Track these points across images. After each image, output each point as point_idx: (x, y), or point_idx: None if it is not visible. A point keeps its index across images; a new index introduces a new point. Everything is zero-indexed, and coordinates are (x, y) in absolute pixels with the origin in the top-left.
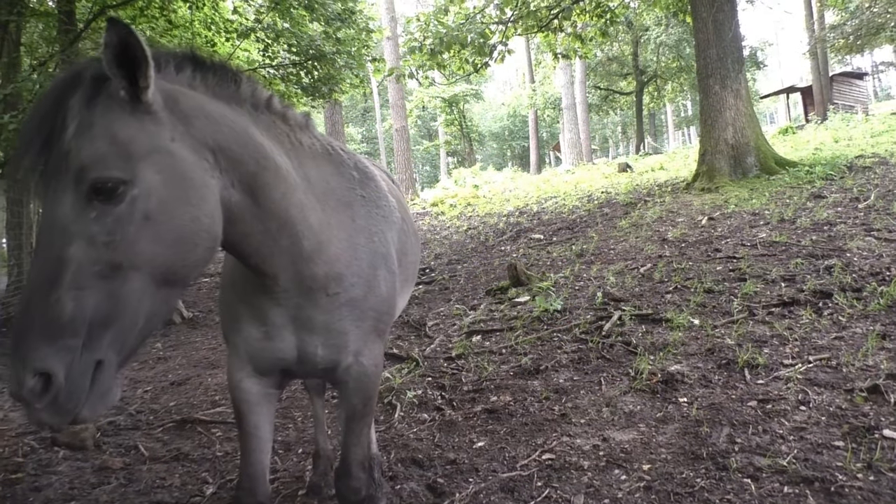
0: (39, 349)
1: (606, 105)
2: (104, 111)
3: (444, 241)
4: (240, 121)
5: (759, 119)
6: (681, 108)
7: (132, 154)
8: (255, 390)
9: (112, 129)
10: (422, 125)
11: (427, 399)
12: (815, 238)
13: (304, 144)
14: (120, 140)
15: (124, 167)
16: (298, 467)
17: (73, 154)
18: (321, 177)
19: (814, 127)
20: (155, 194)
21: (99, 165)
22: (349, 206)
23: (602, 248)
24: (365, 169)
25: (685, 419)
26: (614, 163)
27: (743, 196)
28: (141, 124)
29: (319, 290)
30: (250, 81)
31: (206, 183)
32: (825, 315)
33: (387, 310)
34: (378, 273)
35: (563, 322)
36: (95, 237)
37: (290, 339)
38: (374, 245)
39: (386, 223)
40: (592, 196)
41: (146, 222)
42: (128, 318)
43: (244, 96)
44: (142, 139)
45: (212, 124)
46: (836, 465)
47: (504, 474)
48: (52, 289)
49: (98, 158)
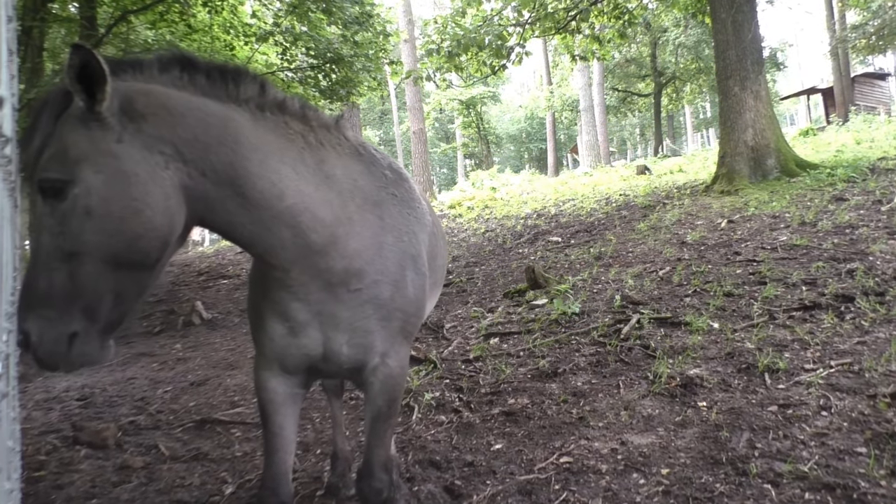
0: (22, 313)
1: (624, 107)
2: (63, 123)
3: (461, 244)
4: (219, 114)
5: (779, 121)
6: (699, 109)
7: (71, 158)
8: (281, 390)
9: (62, 138)
10: (439, 128)
11: (445, 401)
12: (837, 241)
13: (326, 144)
14: (64, 146)
15: (62, 169)
16: (317, 468)
17: (37, 160)
18: (347, 175)
19: (835, 128)
20: (95, 192)
21: (44, 169)
22: (378, 204)
23: (620, 250)
24: (399, 170)
25: (704, 423)
26: (632, 165)
27: (763, 198)
28: (88, 131)
29: (340, 286)
30: (257, 83)
31: (153, 177)
32: (847, 319)
33: (415, 311)
34: (406, 273)
35: (581, 325)
36: (52, 229)
37: (316, 335)
38: (403, 245)
39: (418, 224)
40: (610, 198)
41: (87, 216)
42: (90, 294)
43: (246, 96)
44: (83, 144)
45: (173, 118)
46: (858, 471)
47: (521, 477)
48: (33, 268)
49: (46, 163)
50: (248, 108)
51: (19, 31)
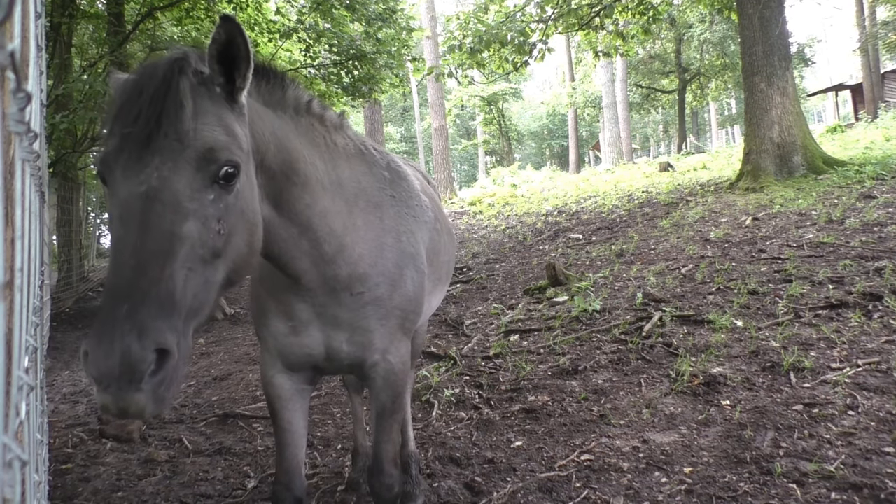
0: (158, 323)
1: (648, 103)
2: (213, 102)
3: (481, 241)
4: (282, 130)
5: (806, 117)
6: (724, 106)
7: (243, 149)
8: (288, 386)
9: (225, 121)
10: (460, 124)
11: (465, 398)
12: (865, 239)
13: (338, 145)
14: (234, 133)
15: (241, 158)
16: (337, 463)
17: (194, 135)
18: (353, 177)
19: (864, 125)
20: (242, 192)
21: (227, 151)
22: (379, 206)
23: (642, 248)
24: (397, 168)
25: (728, 422)
26: (655, 162)
27: (789, 196)
28: (240, 123)
29: (343, 290)
30: (294, 85)
31: (256, 191)
32: (875, 318)
33: (413, 308)
34: (405, 272)
35: (603, 322)
36: (209, 219)
37: (317, 335)
38: (402, 245)
39: (416, 223)
40: (633, 195)
41: (241, 216)
42: (206, 309)
43: (289, 101)
44: (244, 137)
45: (259, 139)
46: (886, 471)
47: (542, 474)
48: (167, 263)
49: (224, 145)
50: (290, 114)
51: (47, 27)
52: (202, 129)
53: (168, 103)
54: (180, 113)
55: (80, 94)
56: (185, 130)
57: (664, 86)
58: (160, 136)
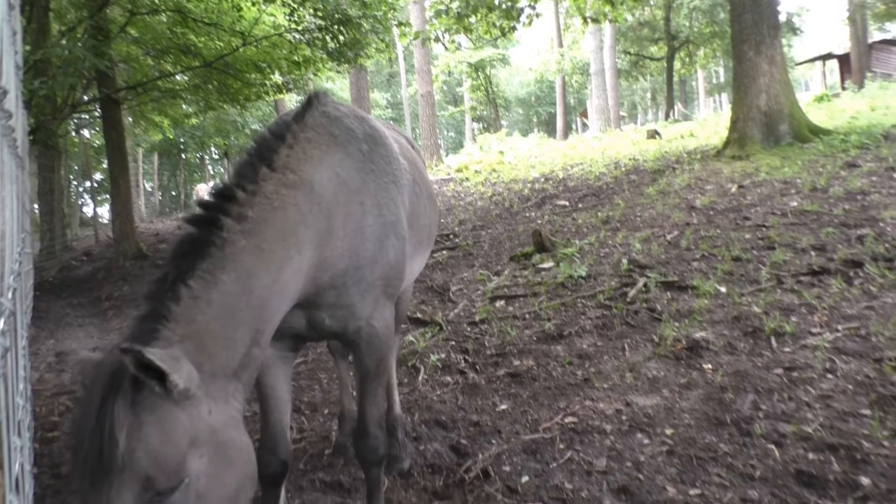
0: None
1: (636, 71)
2: (151, 407)
3: (468, 207)
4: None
5: (793, 86)
6: (713, 74)
7: (183, 449)
8: (269, 353)
9: (163, 428)
10: (447, 91)
11: (450, 362)
12: (848, 207)
13: (313, 141)
14: (172, 438)
15: (180, 466)
16: (325, 427)
17: (129, 459)
18: (331, 173)
19: (850, 95)
20: (203, 474)
21: (161, 474)
22: (359, 190)
23: (628, 215)
24: (373, 135)
25: (709, 385)
26: (643, 129)
27: (774, 164)
28: (185, 412)
29: (327, 287)
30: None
31: (241, 431)
32: (856, 284)
33: (395, 275)
34: (386, 243)
35: (588, 288)
36: None
37: (299, 312)
38: (384, 216)
39: (396, 188)
40: (619, 163)
41: (198, 500)
42: None
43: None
44: (188, 429)
45: (232, 345)
46: (862, 432)
47: (526, 437)
48: None
49: (157, 464)
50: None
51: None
52: (136, 452)
53: (104, 440)
54: (114, 450)
55: (59, 59)
56: (120, 463)
57: (653, 53)
58: (102, 470)
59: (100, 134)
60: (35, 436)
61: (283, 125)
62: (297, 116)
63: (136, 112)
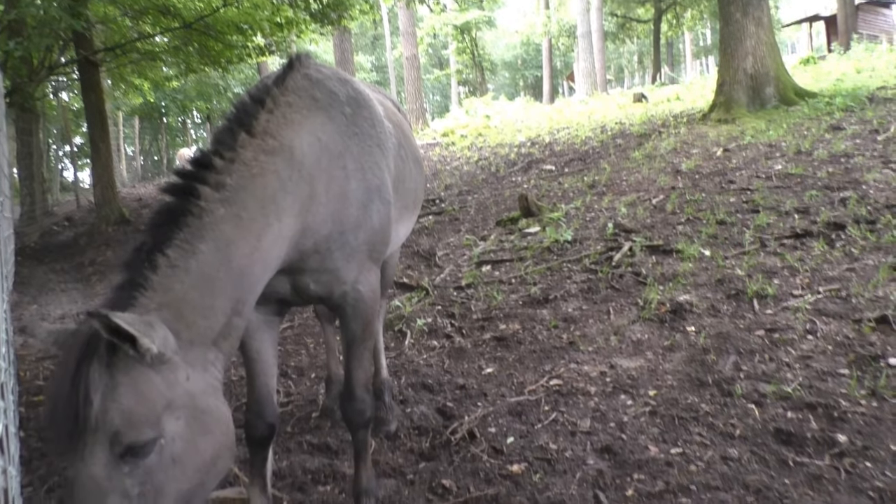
0: None
1: (623, 33)
2: (125, 370)
3: (454, 172)
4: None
5: (779, 48)
6: (700, 36)
7: (158, 409)
8: (254, 317)
9: (137, 389)
10: (433, 54)
11: (437, 327)
12: (832, 170)
13: (294, 105)
14: (146, 398)
15: (154, 425)
16: (311, 391)
17: (102, 420)
18: (312, 138)
19: (836, 57)
20: (179, 437)
21: (132, 430)
22: (342, 154)
23: (614, 179)
24: (357, 98)
25: (692, 347)
26: (629, 93)
27: (760, 127)
28: (160, 375)
29: (310, 252)
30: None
31: (219, 399)
32: (837, 247)
33: (380, 239)
34: (370, 207)
35: (573, 253)
36: (129, 490)
37: (283, 278)
38: (367, 181)
39: (380, 151)
40: (606, 127)
41: (174, 465)
42: None
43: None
44: (164, 392)
45: (211, 314)
46: (840, 391)
47: (512, 399)
48: None
49: (129, 422)
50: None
51: None
52: (110, 412)
53: (79, 400)
54: (88, 410)
55: (34, 19)
56: (94, 422)
57: (640, 15)
58: (77, 429)
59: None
60: (20, 399)
61: (263, 89)
62: (277, 80)
63: (115, 74)
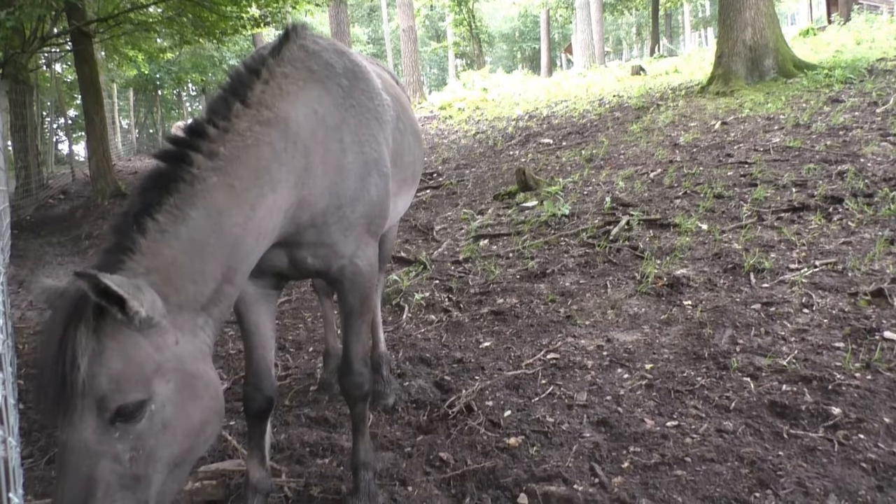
0: None
1: (621, 4)
2: (113, 334)
3: (451, 146)
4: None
5: (779, 20)
6: (699, 8)
7: (147, 373)
8: (252, 290)
9: (125, 352)
10: (430, 26)
11: (434, 301)
12: (830, 143)
13: (290, 77)
14: (134, 362)
15: (143, 389)
16: (309, 365)
17: (90, 384)
18: (308, 109)
19: (836, 28)
20: (169, 402)
21: (119, 394)
22: (338, 127)
23: (612, 152)
24: (354, 69)
25: (689, 321)
26: (627, 65)
27: (758, 100)
28: (148, 339)
29: (307, 226)
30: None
31: (209, 364)
32: (835, 220)
33: (378, 213)
34: (367, 180)
35: (571, 227)
36: (120, 455)
37: (280, 252)
38: (365, 154)
39: (378, 124)
40: (604, 100)
41: (164, 429)
42: (150, 497)
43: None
44: (152, 355)
45: (201, 280)
46: (835, 364)
47: (509, 372)
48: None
49: (117, 385)
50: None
51: None
52: (98, 375)
53: (66, 365)
54: (76, 374)
55: None
56: (81, 385)
57: None
58: (65, 394)
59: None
60: (19, 372)
61: (259, 59)
62: (273, 50)
63: (108, 46)
